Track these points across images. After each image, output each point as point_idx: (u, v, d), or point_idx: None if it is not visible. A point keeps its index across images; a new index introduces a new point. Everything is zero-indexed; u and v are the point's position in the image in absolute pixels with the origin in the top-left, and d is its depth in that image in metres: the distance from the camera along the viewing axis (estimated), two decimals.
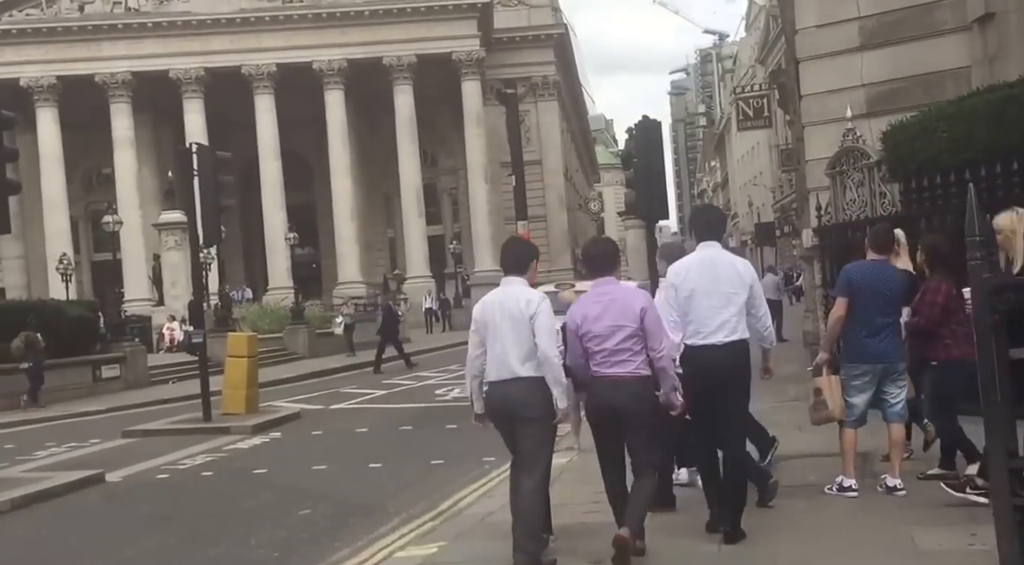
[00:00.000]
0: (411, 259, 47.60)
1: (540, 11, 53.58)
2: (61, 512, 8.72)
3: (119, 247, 33.34)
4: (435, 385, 18.80)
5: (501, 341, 5.20)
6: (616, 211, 74.07)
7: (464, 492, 8.48)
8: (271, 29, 46.42)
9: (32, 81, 45.64)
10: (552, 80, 53.00)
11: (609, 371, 5.16)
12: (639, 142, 11.55)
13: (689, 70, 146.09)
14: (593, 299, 5.30)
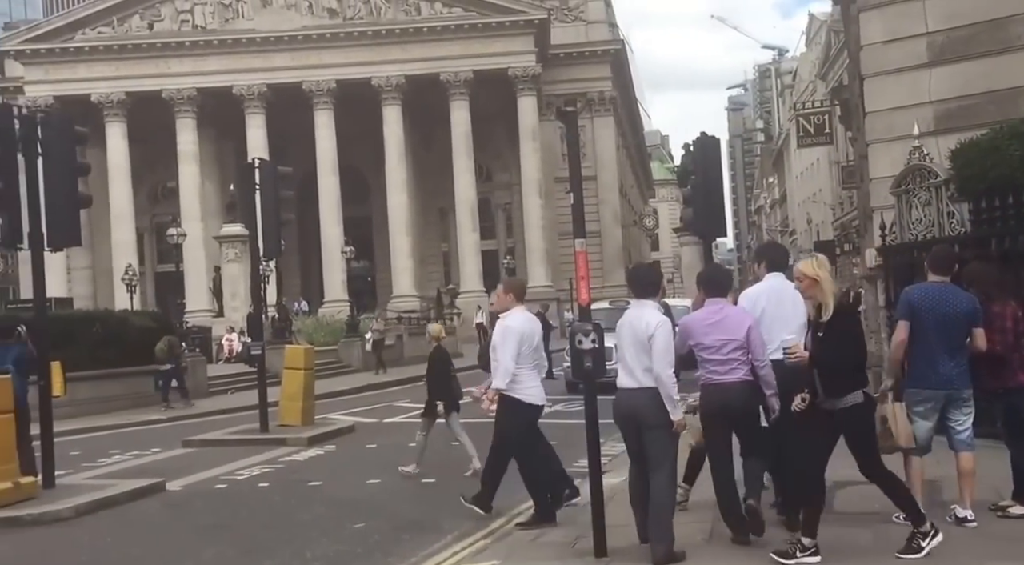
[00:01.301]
0: (465, 273, 47.82)
1: (597, 27, 53.65)
2: (123, 520, 8.90)
3: (182, 259, 34.07)
4: None
5: (628, 355, 6.02)
6: (671, 227, 73.60)
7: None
8: (331, 46, 47.24)
9: (103, 97, 47.05)
10: (608, 96, 52.97)
11: (720, 378, 6.00)
12: (697, 158, 11.43)
13: (747, 85, 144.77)
14: (706, 316, 6.12)
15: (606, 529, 6.12)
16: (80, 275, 49.35)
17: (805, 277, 5.71)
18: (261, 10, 47.65)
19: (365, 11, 47.72)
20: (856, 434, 5.65)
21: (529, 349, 7.30)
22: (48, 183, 9.71)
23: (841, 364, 5.57)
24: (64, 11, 54.54)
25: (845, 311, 5.75)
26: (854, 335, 5.74)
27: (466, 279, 47.53)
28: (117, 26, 47.45)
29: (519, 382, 7.29)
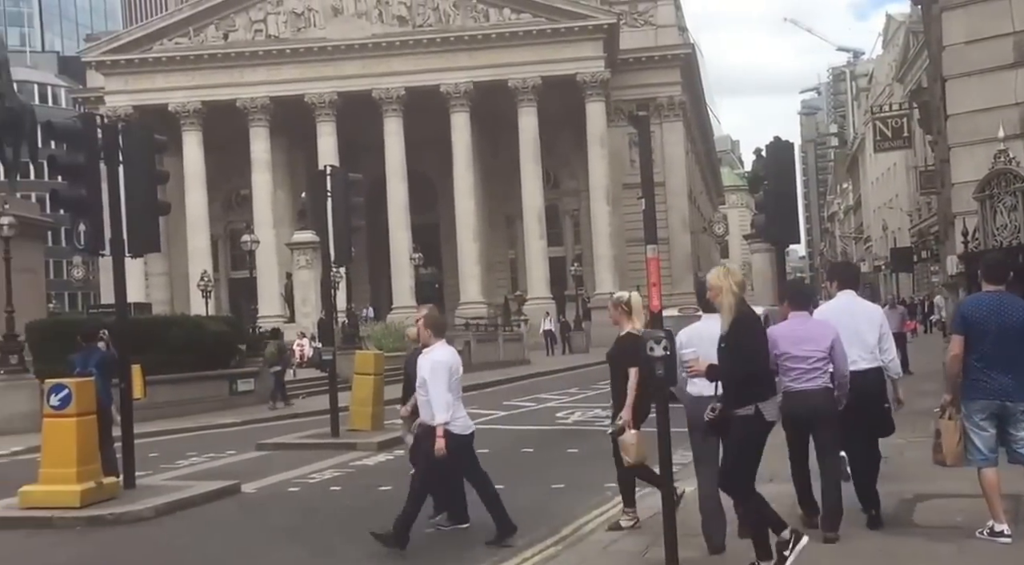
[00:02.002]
0: (532, 280, 47.82)
1: (667, 31, 53.23)
2: (200, 520, 9.06)
3: (255, 265, 34.83)
4: (556, 408, 18.72)
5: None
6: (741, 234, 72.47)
7: (586, 518, 8.38)
8: (401, 53, 47.80)
9: (179, 106, 48.38)
10: (678, 101, 52.49)
11: (804, 386, 6.33)
12: (769, 163, 11.21)
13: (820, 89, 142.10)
14: (792, 328, 6.51)
15: (677, 538, 6.02)
16: (157, 281, 50.71)
17: (712, 287, 5.87)
18: (332, 19, 48.46)
19: (434, 18, 48.18)
20: (731, 443, 5.76)
21: (456, 381, 7.53)
22: (129, 191, 9.97)
23: (731, 376, 5.66)
24: (143, 23, 56.30)
25: (742, 323, 5.75)
26: (746, 348, 5.70)
27: (533, 286, 47.52)
28: (193, 36, 48.77)
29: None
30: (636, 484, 7.48)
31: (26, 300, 19.73)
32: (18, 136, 21.99)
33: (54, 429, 9.06)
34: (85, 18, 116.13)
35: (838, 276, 7.37)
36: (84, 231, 9.90)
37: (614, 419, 7.38)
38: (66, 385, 9.13)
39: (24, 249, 20.28)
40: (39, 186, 40.60)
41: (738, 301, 5.79)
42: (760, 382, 5.76)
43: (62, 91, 77.32)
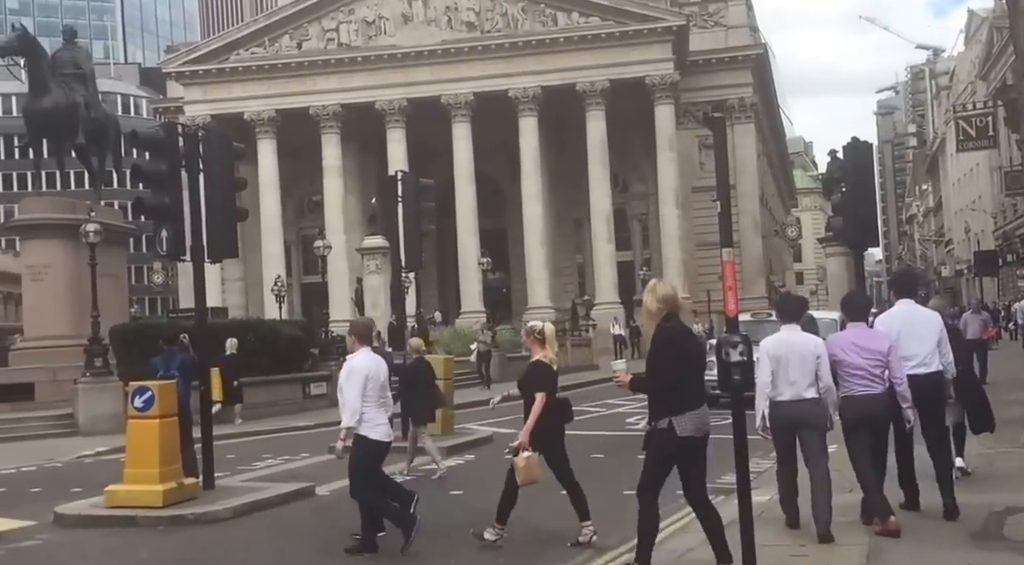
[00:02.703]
0: (600, 285, 47.58)
1: (737, 32, 52.46)
2: (277, 521, 9.22)
3: (326, 270, 35.34)
4: (626, 413, 18.57)
5: (794, 371, 6.87)
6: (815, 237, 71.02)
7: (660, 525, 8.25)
8: (470, 59, 48.11)
9: (254, 114, 49.50)
10: (749, 102, 51.67)
11: (864, 391, 6.90)
12: (847, 165, 10.96)
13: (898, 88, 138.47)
14: (849, 338, 7.09)
15: (756, 548, 5.90)
16: (233, 286, 51.85)
17: (644, 303, 6.03)
18: (403, 26, 49.04)
19: (502, 23, 48.36)
20: (647, 455, 6.00)
21: (375, 387, 7.58)
22: (208, 198, 10.22)
23: (649, 389, 5.93)
24: (220, 34, 57.72)
25: (660, 338, 5.87)
26: (663, 362, 5.82)
27: (601, 290, 47.28)
28: (268, 46, 49.85)
29: (366, 420, 7.53)
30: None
31: (110, 305, 20.40)
32: (103, 146, 22.74)
33: (138, 430, 9.32)
34: (165, 30, 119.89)
35: (896, 286, 8.24)
36: (166, 237, 10.17)
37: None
38: (149, 387, 9.39)
39: (109, 255, 20.97)
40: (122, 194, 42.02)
41: (662, 316, 5.89)
42: (675, 397, 5.79)
43: (144, 102, 79.93)
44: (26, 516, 9.76)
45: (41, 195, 22.73)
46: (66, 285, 20.55)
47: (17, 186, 71.02)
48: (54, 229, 20.89)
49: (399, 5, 49.01)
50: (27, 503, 10.62)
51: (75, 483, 11.44)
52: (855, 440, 7.03)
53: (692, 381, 5.92)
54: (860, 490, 7.10)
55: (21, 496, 11.48)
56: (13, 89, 61.09)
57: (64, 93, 21.29)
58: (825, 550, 6.64)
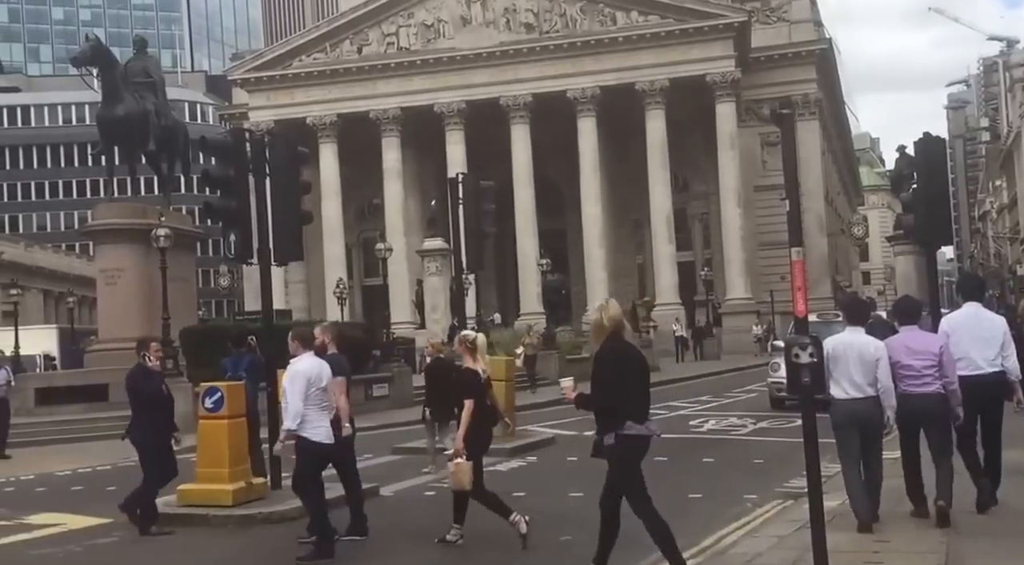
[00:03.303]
0: (660, 286, 47.19)
1: (801, 27, 51.57)
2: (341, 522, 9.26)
3: (387, 272, 35.67)
4: (688, 416, 18.38)
5: (855, 371, 7.25)
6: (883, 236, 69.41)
7: (726, 530, 8.19)
8: (528, 60, 48.16)
9: (316, 119, 50.27)
10: (813, 98, 50.76)
11: (918, 390, 7.28)
12: (919, 161, 10.65)
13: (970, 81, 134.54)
14: (903, 340, 7.54)
15: (828, 554, 5.78)
16: (296, 288, 52.69)
17: (591, 321, 6.30)
18: (461, 29, 49.31)
19: (561, 24, 48.31)
20: (620, 473, 6.21)
21: (317, 391, 7.77)
22: (275, 202, 10.38)
23: (594, 406, 6.09)
24: (283, 40, 58.73)
25: (602, 357, 6.11)
26: (604, 380, 6.02)
27: (662, 291, 46.89)
28: (330, 52, 50.60)
29: (308, 422, 7.69)
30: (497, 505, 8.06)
31: (179, 307, 20.88)
32: (172, 152, 23.30)
33: (208, 430, 9.52)
34: (230, 38, 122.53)
35: (963, 289, 8.63)
36: (234, 241, 10.36)
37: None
38: (219, 388, 9.58)
39: (178, 259, 21.48)
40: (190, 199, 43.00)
41: (607, 334, 6.12)
42: (617, 413, 5.98)
43: (210, 108, 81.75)
44: (103, 514, 10.04)
45: (114, 201, 23.32)
46: (138, 288, 21.06)
47: (91, 192, 73.28)
48: (126, 234, 21.45)
49: (458, 8, 49.29)
50: (103, 501, 10.90)
51: None
52: (906, 437, 7.52)
53: (634, 397, 6.09)
54: (938, 492, 7.27)
55: (97, 494, 11.80)
56: (87, 98, 63.04)
57: (135, 101, 21.86)
58: (901, 556, 6.49)
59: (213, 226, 15.82)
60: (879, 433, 7.40)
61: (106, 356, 21.56)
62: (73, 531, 8.74)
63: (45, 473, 14.55)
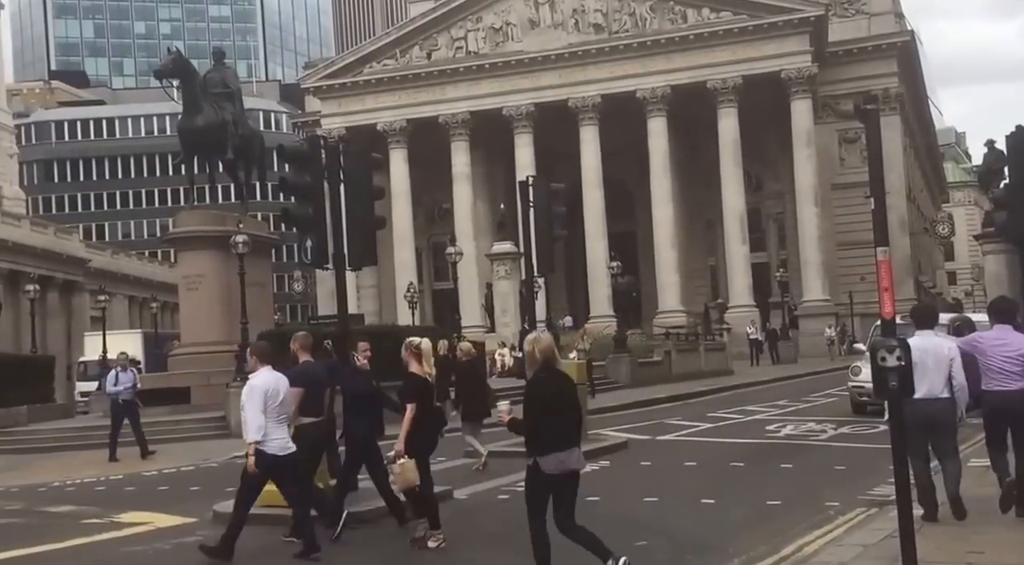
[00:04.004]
0: (733, 288, 46.46)
1: (881, 19, 50.21)
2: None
3: (457, 276, 35.90)
4: (765, 420, 18.02)
5: (932, 373, 7.56)
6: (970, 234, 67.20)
7: (807, 538, 8.00)
8: (597, 61, 47.95)
9: (387, 125, 50.89)
10: (894, 93, 49.35)
11: (1003, 387, 7.61)
12: (1011, 155, 10.23)
13: None
14: (992, 338, 7.84)
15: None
16: (367, 293, 53.38)
17: (526, 355, 6.65)
18: (529, 32, 49.37)
19: (630, 23, 47.97)
20: (525, 487, 6.57)
21: (274, 404, 8.01)
22: (349, 208, 10.50)
23: (521, 431, 6.52)
24: (354, 48, 59.66)
25: (529, 386, 6.54)
26: (527, 409, 6.42)
27: (735, 293, 46.15)
28: (400, 58, 51.16)
29: (266, 434, 7.96)
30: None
31: (257, 312, 21.31)
32: (249, 160, 23.83)
33: None
34: (303, 47, 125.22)
35: (993, 312, 8.76)
36: (310, 246, 10.52)
37: None
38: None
39: (255, 265, 21.95)
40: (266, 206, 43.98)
41: (538, 365, 6.48)
42: (537, 439, 6.34)
43: (284, 117, 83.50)
44: (188, 513, 10.31)
45: (194, 209, 23.96)
46: (218, 294, 21.57)
47: (172, 201, 75.56)
48: (206, 241, 22.00)
49: (526, 11, 49.36)
50: (188, 501, 11.20)
51: (230, 482, 11.91)
52: (991, 432, 7.83)
53: (555, 427, 6.36)
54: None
55: (182, 494, 12.13)
56: (168, 109, 64.99)
57: (214, 112, 22.41)
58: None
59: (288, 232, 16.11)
60: (951, 432, 7.79)
61: (188, 360, 22.17)
62: (161, 529, 8.99)
63: (133, 473, 15.03)
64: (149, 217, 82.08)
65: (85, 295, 49.33)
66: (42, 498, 12.92)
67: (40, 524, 10.79)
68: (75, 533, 9.84)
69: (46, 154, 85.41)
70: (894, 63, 49.75)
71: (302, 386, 8.65)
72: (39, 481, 14.71)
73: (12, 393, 23.54)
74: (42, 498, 12.92)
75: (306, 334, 9.40)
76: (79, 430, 21.60)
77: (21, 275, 42.83)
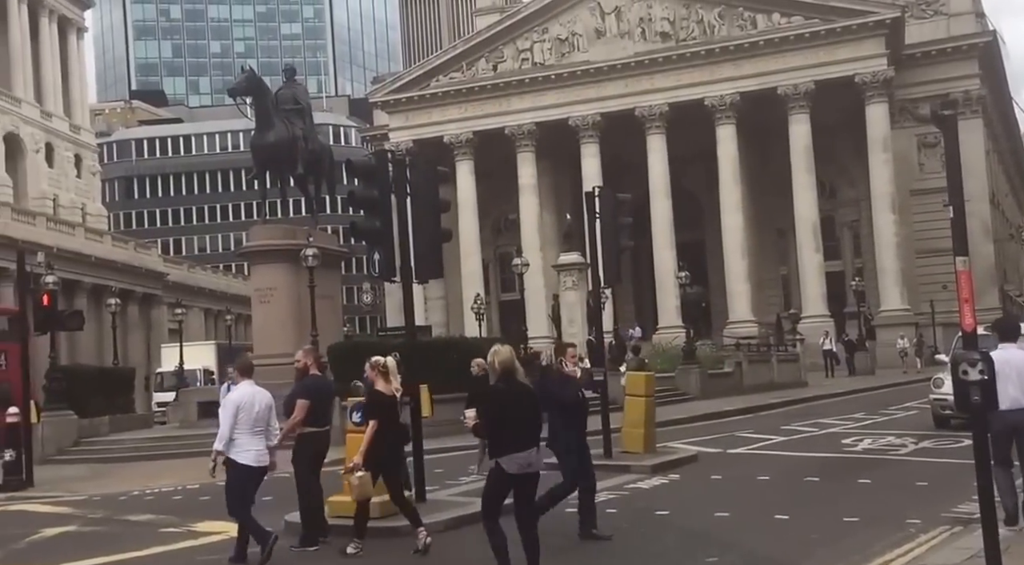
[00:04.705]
0: (807, 297, 45.50)
1: (961, 20, 48.71)
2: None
3: (523, 287, 35.90)
4: (840, 434, 17.54)
5: (1012, 385, 7.86)
6: None
7: (887, 556, 7.77)
8: (663, 70, 47.58)
9: (453, 137, 51.28)
10: (975, 95, 47.79)
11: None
12: None
13: None
14: None
15: None
16: (435, 304, 53.75)
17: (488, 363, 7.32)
18: (595, 41, 49.25)
19: (698, 31, 47.51)
20: (485, 486, 7.34)
21: (248, 417, 8.44)
22: (416, 221, 10.59)
23: (481, 435, 7.47)
24: (421, 62, 60.34)
25: (487, 394, 7.27)
26: (487, 416, 7.12)
27: (808, 303, 45.18)
28: (466, 71, 51.52)
29: (237, 445, 8.41)
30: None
31: (327, 324, 21.60)
32: (319, 175, 24.23)
33: (355, 444, 9.71)
34: (371, 62, 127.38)
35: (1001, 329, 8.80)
36: (378, 259, 10.62)
37: None
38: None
39: (325, 277, 22.27)
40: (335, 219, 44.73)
41: (497, 376, 7.13)
42: (499, 444, 6.95)
43: (352, 131, 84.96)
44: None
45: (266, 223, 24.43)
46: (289, 306, 21.92)
47: (245, 215, 77.44)
48: (278, 254, 22.39)
49: (592, 21, 49.29)
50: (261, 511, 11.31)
51: None
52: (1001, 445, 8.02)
53: (513, 430, 6.96)
54: None
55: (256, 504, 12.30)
56: (241, 126, 66.66)
57: (286, 128, 22.85)
58: None
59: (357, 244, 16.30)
60: None
61: (261, 371, 22.49)
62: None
63: (208, 482, 15.32)
64: (223, 231, 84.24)
65: (163, 308, 50.79)
66: (122, 507, 13.28)
67: (120, 532, 11.09)
68: (153, 541, 10.11)
69: (127, 171, 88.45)
70: (975, 64, 48.18)
71: (308, 398, 9.14)
72: (120, 490, 15.14)
73: (95, 404, 24.09)
74: (122, 507, 13.28)
75: (313, 348, 10.14)
76: (158, 440, 22.18)
77: (103, 289, 44.28)
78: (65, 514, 12.87)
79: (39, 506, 14.06)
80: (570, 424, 9.04)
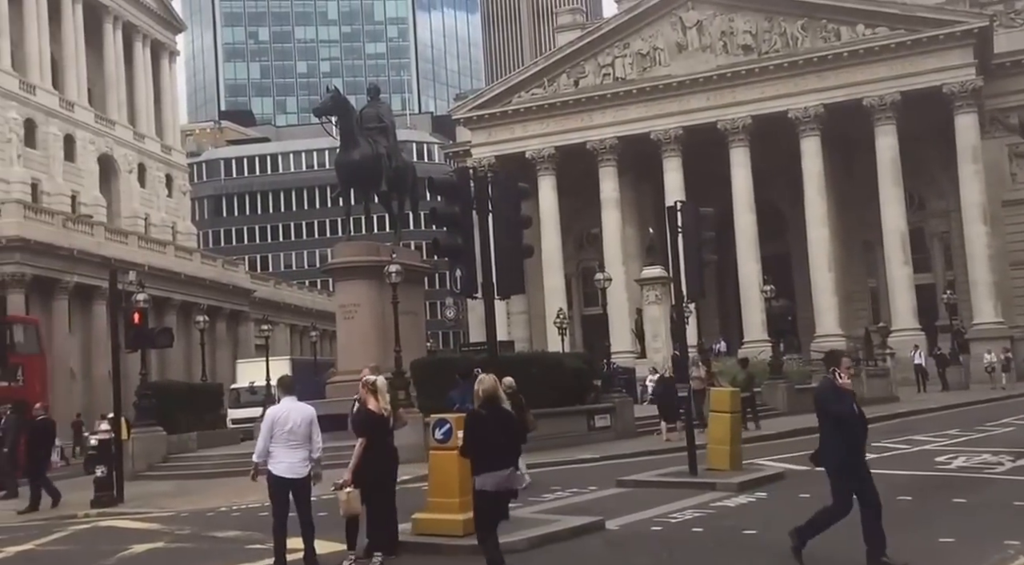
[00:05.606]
0: (896, 310, 44.19)
1: None
2: (569, 555, 9.33)
3: (606, 302, 35.76)
4: (934, 451, 16.95)
5: None
6: None
7: None
8: (746, 82, 46.99)
9: (535, 153, 51.50)
10: None
11: None
12: None
13: None
14: None
15: None
16: (517, 319, 53.84)
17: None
18: (677, 55, 48.94)
19: (781, 43, 46.80)
20: (474, 504, 7.82)
21: (282, 431, 8.92)
22: (497, 237, 10.70)
23: (465, 455, 7.95)
24: (503, 78, 60.86)
25: (469, 417, 7.90)
26: (465, 437, 7.88)
27: (898, 316, 43.86)
28: (547, 86, 51.76)
29: (273, 458, 8.96)
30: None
31: (410, 340, 21.88)
32: (402, 191, 24.63)
33: (439, 461, 9.85)
34: (454, 80, 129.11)
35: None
36: (460, 276, 10.76)
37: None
38: (448, 420, 9.91)
39: (408, 293, 22.56)
40: (418, 235, 45.32)
41: (480, 402, 7.78)
42: (478, 462, 7.57)
43: (435, 147, 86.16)
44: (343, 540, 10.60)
45: (350, 240, 24.94)
46: (372, 322, 22.27)
47: (331, 232, 79.14)
48: (361, 271, 22.81)
49: (673, 35, 49.02)
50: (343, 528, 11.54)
51: None
52: None
53: (490, 450, 7.55)
54: None
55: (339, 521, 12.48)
56: (327, 145, 68.30)
57: (369, 145, 23.32)
58: None
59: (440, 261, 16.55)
60: None
61: (345, 387, 22.88)
62: (320, 555, 9.29)
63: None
64: (309, 248, 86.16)
65: (250, 324, 52.13)
66: (210, 523, 13.46)
67: (208, 549, 11.26)
68: (240, 558, 10.27)
69: (215, 190, 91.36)
70: None
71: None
72: (207, 506, 15.38)
73: (183, 420, 24.41)
74: (210, 523, 13.46)
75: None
76: (245, 456, 22.59)
77: (192, 306, 45.63)
78: (154, 530, 13.11)
79: (129, 522, 14.30)
80: (847, 441, 8.30)
